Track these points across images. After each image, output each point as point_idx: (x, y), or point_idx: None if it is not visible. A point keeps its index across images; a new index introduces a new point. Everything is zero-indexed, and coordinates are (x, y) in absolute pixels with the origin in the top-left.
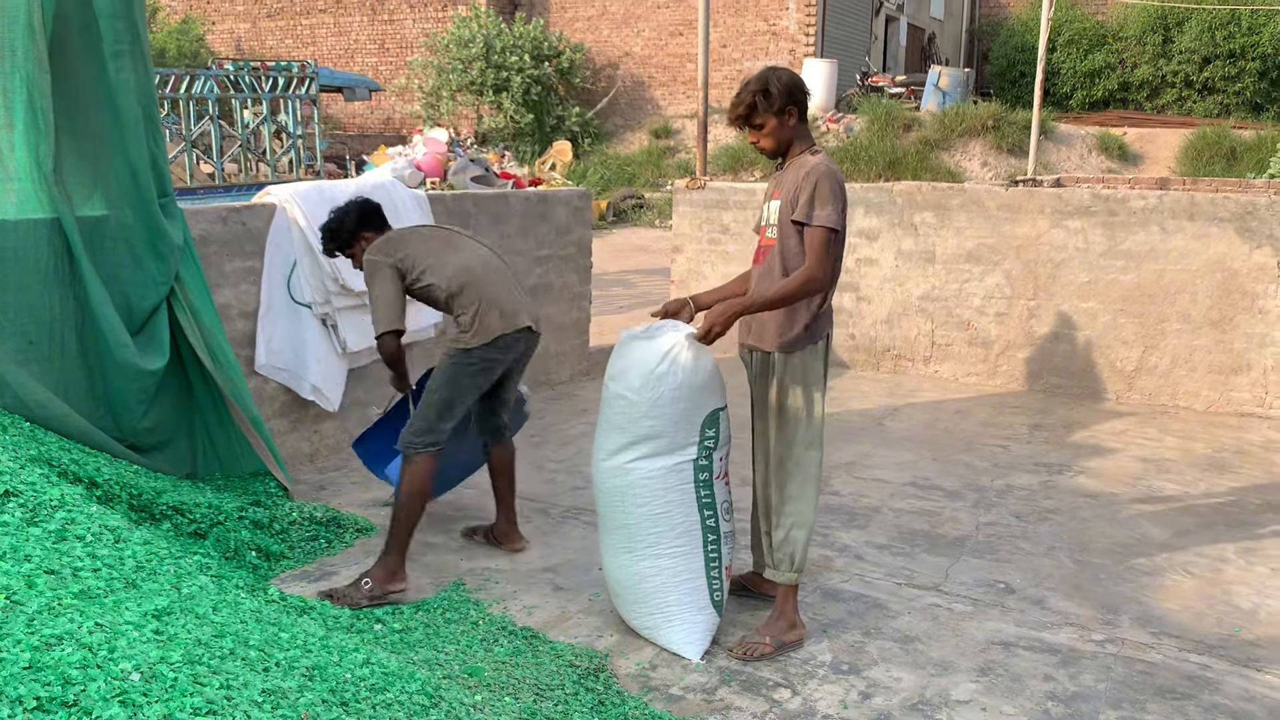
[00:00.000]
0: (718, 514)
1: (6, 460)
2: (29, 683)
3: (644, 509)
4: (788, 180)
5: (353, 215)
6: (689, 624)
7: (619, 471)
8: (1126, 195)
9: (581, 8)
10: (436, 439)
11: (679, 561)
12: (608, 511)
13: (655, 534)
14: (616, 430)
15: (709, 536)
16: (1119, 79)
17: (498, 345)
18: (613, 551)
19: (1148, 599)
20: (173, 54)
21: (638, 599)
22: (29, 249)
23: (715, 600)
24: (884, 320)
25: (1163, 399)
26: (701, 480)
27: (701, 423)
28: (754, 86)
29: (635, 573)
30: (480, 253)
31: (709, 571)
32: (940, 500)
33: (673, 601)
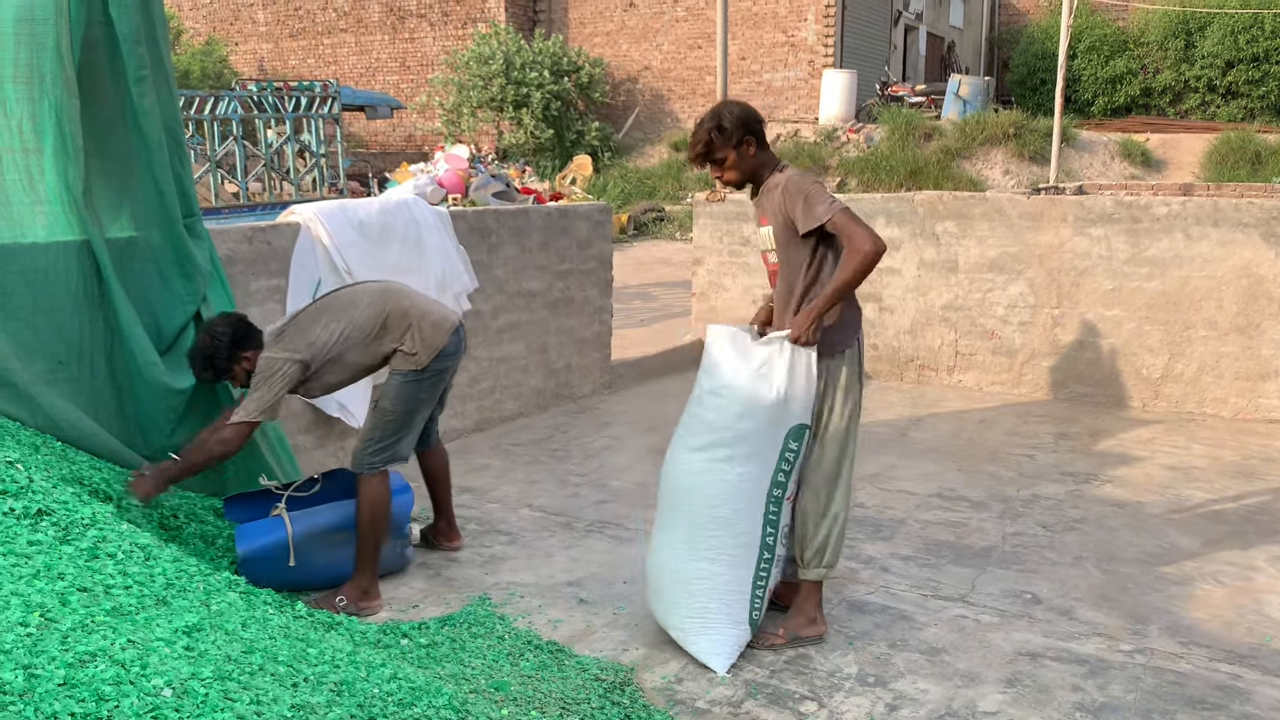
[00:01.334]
0: (778, 534)
1: (39, 479)
2: (64, 699)
3: (713, 510)
4: (769, 205)
5: (227, 337)
6: (722, 636)
7: (697, 469)
8: (1149, 202)
9: (600, 23)
10: (393, 457)
11: (731, 571)
12: (671, 507)
13: (716, 538)
14: (705, 427)
15: (764, 554)
16: (1141, 85)
17: (446, 353)
18: (668, 548)
19: (1177, 608)
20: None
21: (679, 600)
22: (59, 270)
23: (753, 618)
24: (907, 330)
25: (1190, 406)
26: (774, 496)
27: (787, 434)
28: (708, 124)
29: (684, 573)
30: (374, 288)
31: (755, 588)
32: (966, 511)
33: (714, 610)
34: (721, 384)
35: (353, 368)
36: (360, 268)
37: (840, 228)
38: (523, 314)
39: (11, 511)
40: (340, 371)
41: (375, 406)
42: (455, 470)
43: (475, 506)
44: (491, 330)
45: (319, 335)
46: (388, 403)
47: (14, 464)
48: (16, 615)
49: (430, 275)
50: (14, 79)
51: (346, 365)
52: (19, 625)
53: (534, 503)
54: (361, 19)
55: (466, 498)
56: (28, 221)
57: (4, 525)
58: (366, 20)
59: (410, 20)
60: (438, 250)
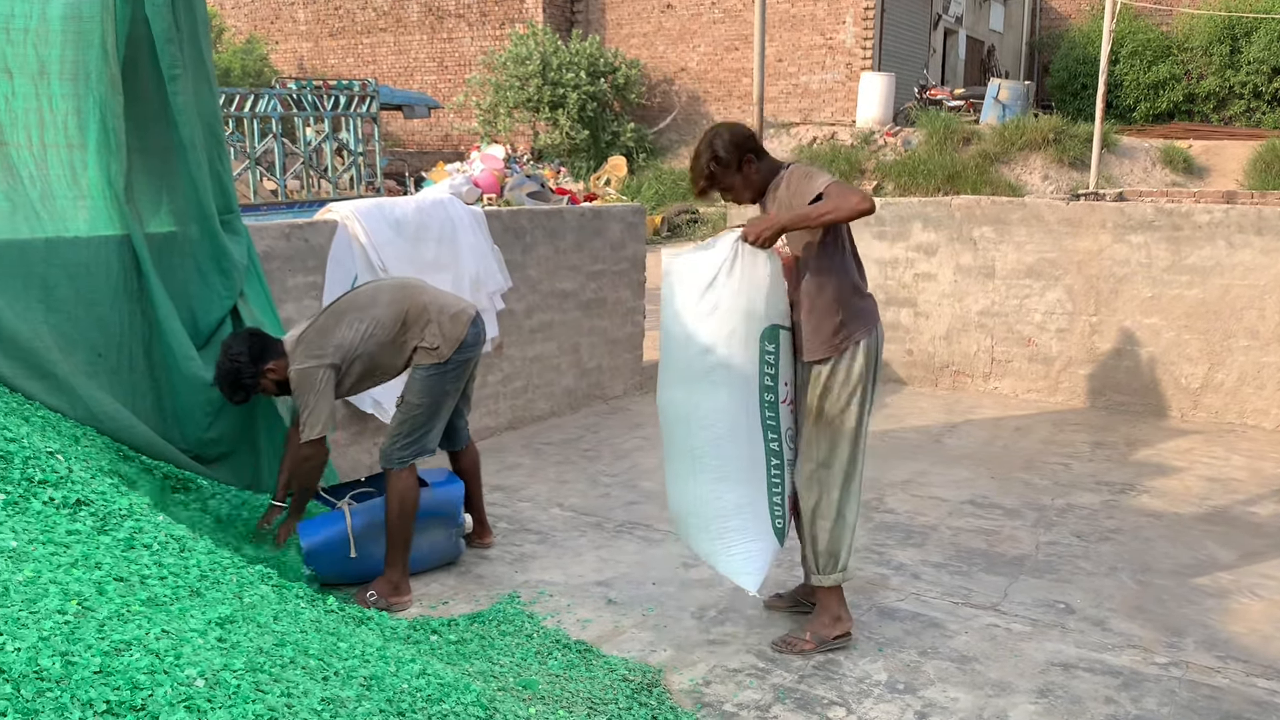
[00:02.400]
0: (781, 438)
1: (79, 470)
2: (100, 686)
3: (709, 432)
4: (779, 198)
5: (245, 355)
6: (748, 553)
7: (682, 399)
8: (1191, 209)
9: (638, 24)
10: (420, 450)
11: (742, 485)
12: (671, 436)
13: (720, 457)
14: (679, 358)
15: (772, 461)
16: (1184, 90)
17: (467, 344)
18: (676, 478)
19: (1213, 622)
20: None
21: (699, 524)
22: (100, 264)
23: (777, 528)
24: (942, 336)
25: (1230, 417)
26: (767, 401)
27: (760, 338)
28: (705, 157)
29: (697, 497)
30: (390, 284)
31: (771, 497)
32: (999, 519)
33: (734, 527)
34: (683, 310)
35: (379, 367)
36: (396, 266)
37: (831, 193)
38: (555, 314)
39: (51, 501)
40: (367, 370)
41: (401, 401)
42: (487, 469)
43: (506, 505)
44: (524, 330)
45: (344, 335)
46: (413, 396)
47: (55, 454)
48: (55, 603)
49: (465, 274)
50: (60, 75)
51: (373, 364)
52: (57, 613)
53: (565, 502)
54: (400, 18)
55: (498, 496)
56: (71, 216)
57: (44, 514)
58: (405, 20)
59: (449, 20)
60: (472, 249)
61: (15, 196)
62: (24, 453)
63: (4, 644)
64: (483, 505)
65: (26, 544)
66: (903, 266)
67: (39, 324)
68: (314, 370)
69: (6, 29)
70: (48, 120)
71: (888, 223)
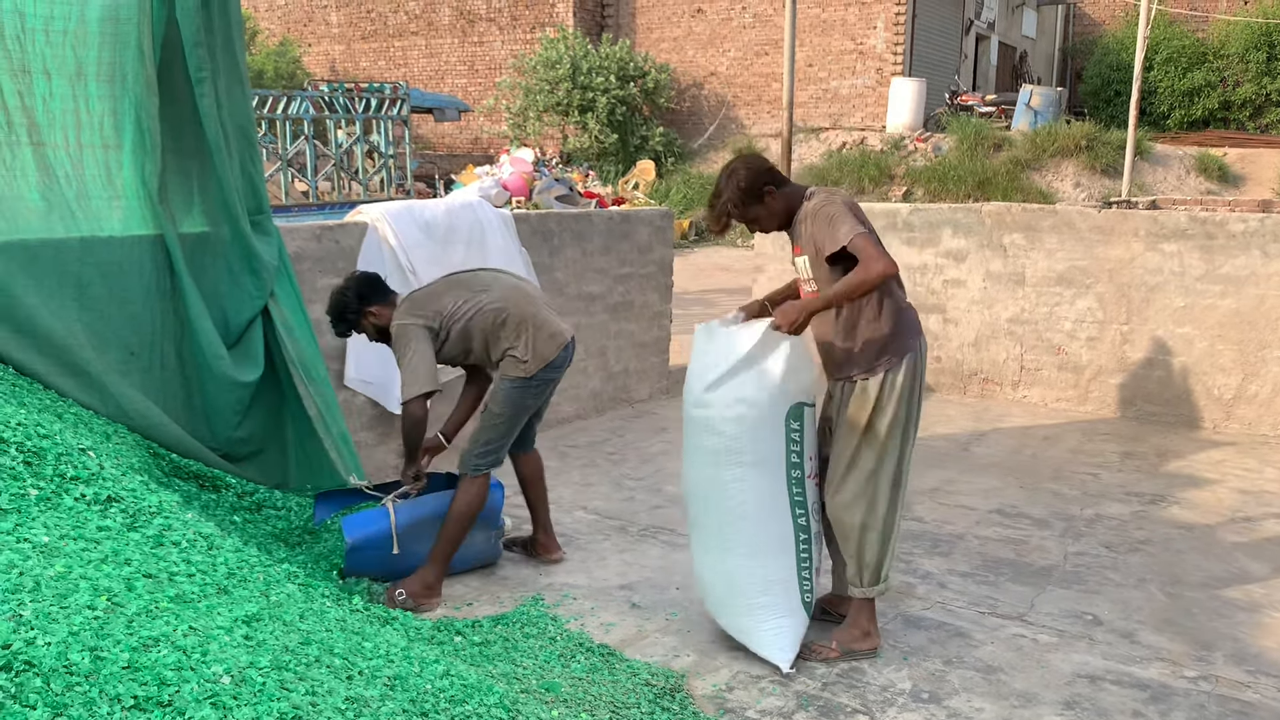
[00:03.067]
0: (809, 513)
1: (110, 466)
2: (127, 682)
3: (737, 510)
4: (802, 234)
5: (352, 291)
6: (778, 628)
7: (709, 478)
8: (1225, 218)
9: (668, 28)
10: (496, 460)
11: (771, 562)
12: (699, 513)
13: (749, 533)
14: (705, 437)
15: (800, 536)
16: (1220, 98)
17: (554, 365)
18: (704, 549)
19: (1244, 635)
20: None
21: (730, 599)
22: (133, 263)
23: (805, 602)
24: (971, 343)
25: (1264, 429)
26: (794, 479)
27: (786, 417)
28: (725, 195)
29: (725, 571)
30: (508, 282)
31: (800, 572)
32: (1027, 528)
33: (764, 604)
34: (709, 394)
35: (471, 352)
36: (425, 267)
37: (858, 249)
38: (582, 316)
39: (83, 497)
40: (461, 349)
41: (484, 410)
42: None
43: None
44: None
45: (447, 305)
46: (496, 406)
47: (86, 451)
48: (85, 598)
49: None
50: (97, 77)
51: (467, 346)
52: (87, 608)
53: (589, 505)
54: (432, 22)
55: (521, 497)
56: (105, 215)
57: (75, 510)
58: (437, 23)
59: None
60: (500, 252)
61: (51, 196)
62: (57, 449)
63: (35, 638)
64: (549, 518)
65: (58, 539)
66: (932, 273)
67: (73, 322)
68: (412, 327)
69: (46, 30)
70: (84, 121)
71: (917, 229)
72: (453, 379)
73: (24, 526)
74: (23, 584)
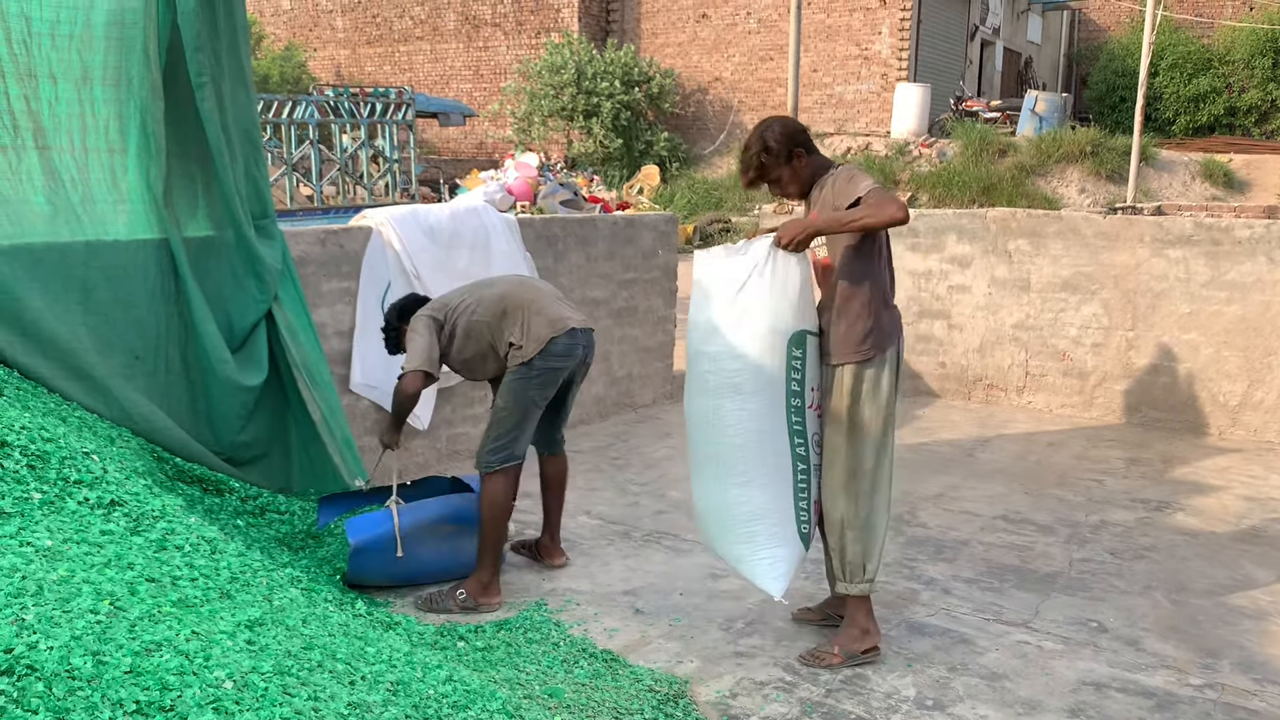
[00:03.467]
0: (808, 444)
1: (113, 470)
2: (130, 686)
3: (734, 438)
4: (821, 198)
5: (394, 313)
6: (774, 558)
7: (710, 407)
8: (1231, 224)
9: (672, 34)
10: (510, 456)
11: (768, 490)
12: (698, 441)
13: (745, 463)
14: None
15: (799, 466)
16: (1225, 104)
17: (554, 352)
18: (702, 481)
19: (1250, 643)
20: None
21: (725, 528)
22: (138, 267)
23: (802, 533)
24: (976, 349)
25: (1270, 435)
26: (794, 406)
27: (788, 343)
28: (755, 148)
29: (723, 501)
30: (514, 277)
31: (797, 502)
32: (1031, 535)
33: (760, 531)
34: (712, 315)
35: (481, 343)
36: (429, 272)
37: (869, 199)
38: None
39: (86, 501)
40: (467, 341)
41: (492, 405)
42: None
43: (535, 512)
44: None
45: (451, 299)
46: (500, 399)
47: (90, 454)
48: (87, 603)
49: None
50: (103, 81)
51: (472, 337)
52: (90, 612)
53: (592, 510)
54: (437, 27)
55: (526, 503)
56: (110, 219)
57: (78, 514)
58: (442, 28)
59: (485, 29)
60: (505, 256)
61: (57, 200)
62: (60, 453)
63: (37, 642)
64: (559, 524)
65: (61, 543)
66: (936, 278)
67: (78, 325)
68: (418, 320)
69: (52, 35)
70: (89, 125)
71: (922, 234)
72: (457, 383)
73: (27, 530)
74: (25, 588)
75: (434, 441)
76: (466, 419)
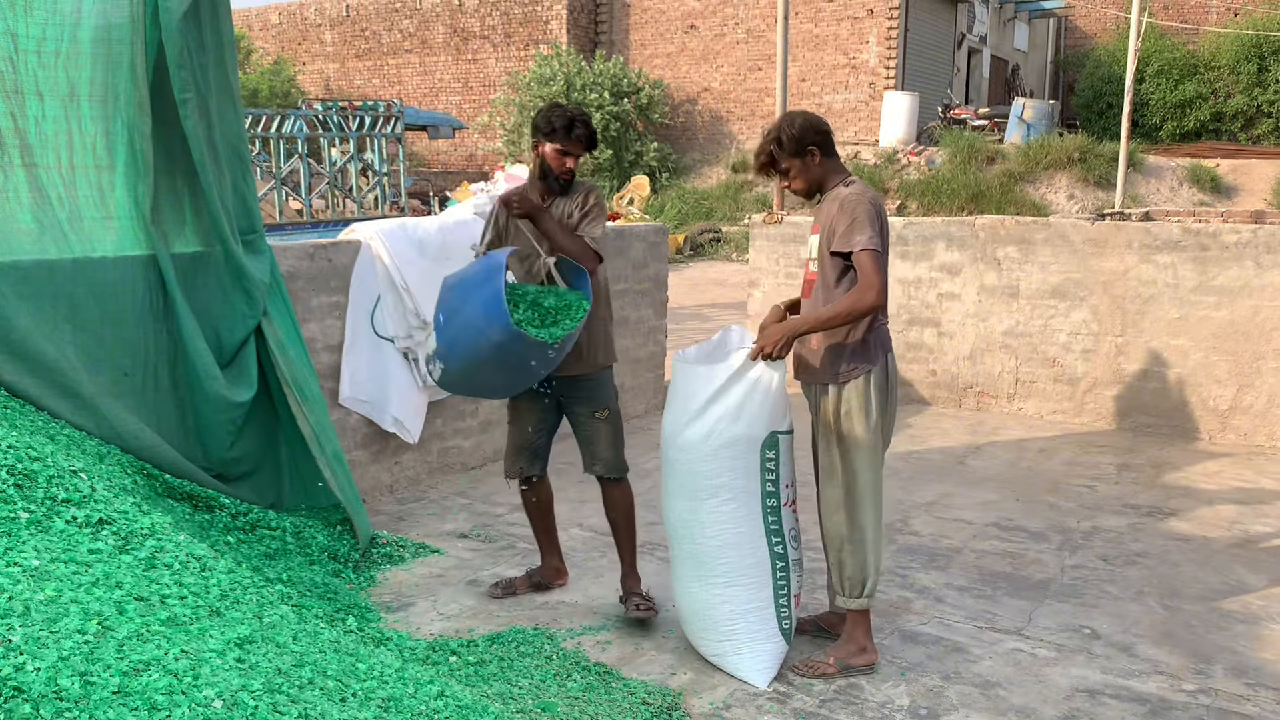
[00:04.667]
0: (785, 541)
1: (101, 489)
2: (118, 707)
3: (712, 540)
4: (824, 214)
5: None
6: (757, 653)
7: (686, 509)
8: (1218, 229)
9: (661, 45)
10: None
11: (748, 590)
12: (677, 541)
13: (724, 564)
14: (681, 472)
15: (777, 564)
16: (1211, 109)
17: None
18: (682, 580)
19: (1243, 648)
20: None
21: (707, 627)
22: (126, 284)
23: (784, 629)
24: (966, 356)
25: (1259, 439)
26: (769, 507)
27: (761, 447)
28: (771, 135)
29: (704, 601)
30: None
31: (777, 600)
32: (1024, 542)
33: (741, 630)
34: (686, 424)
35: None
36: (419, 285)
37: (861, 266)
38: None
39: (74, 520)
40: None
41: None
42: (504, 488)
43: (526, 524)
44: None
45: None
46: (611, 405)
47: (78, 473)
48: (75, 623)
49: None
50: (90, 97)
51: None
52: (77, 633)
53: (584, 522)
54: (426, 40)
55: (518, 515)
56: (98, 236)
57: (66, 533)
58: (431, 41)
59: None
60: None
61: (44, 218)
62: (48, 471)
63: (24, 663)
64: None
65: (49, 563)
66: (926, 286)
67: (65, 344)
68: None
69: (38, 51)
70: (76, 142)
71: (911, 242)
72: (446, 396)
73: (14, 550)
74: (12, 608)
75: (424, 455)
76: (457, 432)
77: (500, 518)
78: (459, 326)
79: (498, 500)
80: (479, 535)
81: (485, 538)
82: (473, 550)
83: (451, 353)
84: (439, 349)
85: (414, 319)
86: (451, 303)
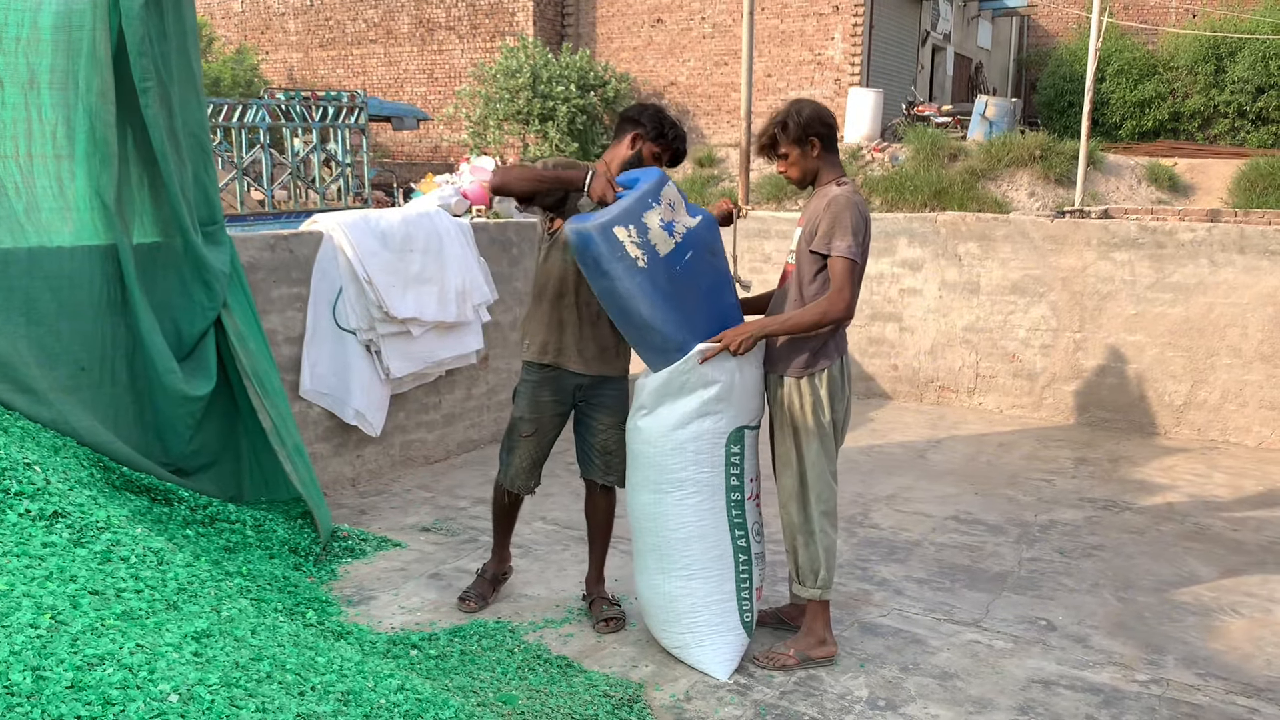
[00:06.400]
0: (749, 535)
1: (56, 481)
2: (71, 702)
3: (677, 533)
4: (811, 209)
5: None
6: (718, 645)
7: (650, 502)
8: (1174, 227)
9: (628, 38)
10: None
11: (710, 583)
12: (641, 533)
13: (687, 556)
14: (646, 466)
15: (740, 558)
16: (1170, 109)
17: None
18: (645, 572)
19: (1194, 639)
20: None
21: (669, 619)
22: (84, 276)
23: (745, 621)
24: (927, 351)
25: (1213, 434)
26: (734, 501)
27: (726, 443)
28: (777, 118)
29: (667, 593)
30: None
31: (739, 593)
32: (982, 535)
33: (703, 622)
34: (651, 419)
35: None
36: (382, 277)
37: (835, 274)
38: None
39: (27, 513)
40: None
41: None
42: (471, 480)
43: (488, 518)
44: (510, 342)
45: None
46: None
47: (32, 465)
48: (27, 617)
49: (450, 286)
50: (50, 84)
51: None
52: (29, 627)
53: (547, 516)
54: (391, 30)
55: (480, 509)
56: (56, 227)
57: (19, 527)
58: (396, 32)
59: (439, 32)
60: (458, 261)
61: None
62: (0, 464)
63: None
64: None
65: (1, 556)
66: (888, 282)
67: (19, 338)
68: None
69: None
70: (36, 130)
71: (873, 238)
72: (411, 388)
73: None
74: None
75: (387, 448)
76: (420, 425)
77: (463, 510)
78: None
79: (460, 494)
80: (441, 529)
81: (447, 531)
82: (435, 544)
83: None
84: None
85: (376, 311)
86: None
